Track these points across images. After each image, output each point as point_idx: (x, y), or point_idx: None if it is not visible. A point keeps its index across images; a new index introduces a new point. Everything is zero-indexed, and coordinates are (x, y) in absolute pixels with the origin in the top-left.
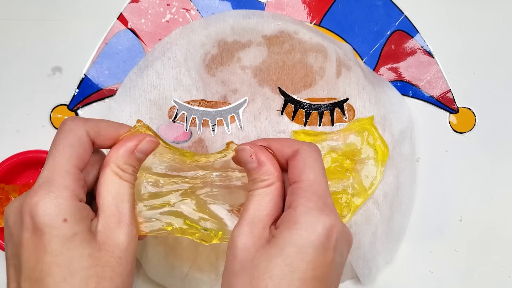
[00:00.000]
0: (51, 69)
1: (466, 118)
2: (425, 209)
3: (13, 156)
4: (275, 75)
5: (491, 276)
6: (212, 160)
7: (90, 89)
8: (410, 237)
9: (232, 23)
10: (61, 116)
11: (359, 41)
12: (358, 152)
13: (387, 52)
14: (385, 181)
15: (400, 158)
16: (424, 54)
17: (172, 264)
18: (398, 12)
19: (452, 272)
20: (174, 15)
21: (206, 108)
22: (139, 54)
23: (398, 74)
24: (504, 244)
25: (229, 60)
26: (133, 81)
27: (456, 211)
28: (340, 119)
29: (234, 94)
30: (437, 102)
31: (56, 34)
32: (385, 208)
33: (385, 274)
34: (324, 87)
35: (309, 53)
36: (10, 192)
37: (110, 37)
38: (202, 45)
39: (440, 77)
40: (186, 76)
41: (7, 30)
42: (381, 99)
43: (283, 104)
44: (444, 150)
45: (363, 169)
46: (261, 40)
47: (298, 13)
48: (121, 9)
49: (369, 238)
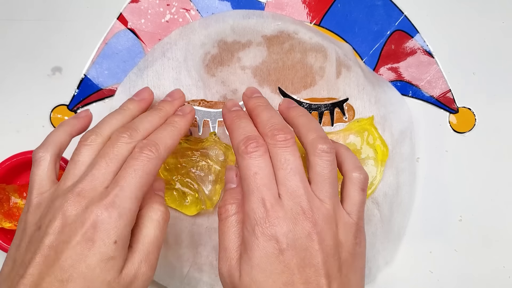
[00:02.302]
0: (51, 69)
1: (466, 118)
2: (425, 209)
3: (13, 156)
4: (275, 75)
5: (491, 276)
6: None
7: (90, 89)
8: (410, 237)
9: (232, 23)
10: (61, 116)
11: (359, 41)
12: (358, 152)
13: (387, 52)
14: (385, 181)
15: (400, 158)
16: (424, 54)
17: (172, 264)
18: (398, 12)
19: (452, 272)
20: (174, 15)
21: (206, 108)
22: (139, 54)
23: (398, 74)
24: (504, 244)
25: (229, 60)
26: (133, 81)
27: (456, 211)
28: (340, 119)
29: (234, 94)
30: (437, 102)
31: (56, 34)
32: (385, 208)
33: (385, 274)
34: (324, 87)
35: (309, 53)
36: (10, 192)
37: (110, 37)
38: (202, 45)
39: (440, 77)
40: (186, 76)
41: (7, 30)
42: (381, 99)
43: None
44: (444, 150)
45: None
46: (261, 40)
47: (298, 13)
48: (121, 9)
49: (369, 238)
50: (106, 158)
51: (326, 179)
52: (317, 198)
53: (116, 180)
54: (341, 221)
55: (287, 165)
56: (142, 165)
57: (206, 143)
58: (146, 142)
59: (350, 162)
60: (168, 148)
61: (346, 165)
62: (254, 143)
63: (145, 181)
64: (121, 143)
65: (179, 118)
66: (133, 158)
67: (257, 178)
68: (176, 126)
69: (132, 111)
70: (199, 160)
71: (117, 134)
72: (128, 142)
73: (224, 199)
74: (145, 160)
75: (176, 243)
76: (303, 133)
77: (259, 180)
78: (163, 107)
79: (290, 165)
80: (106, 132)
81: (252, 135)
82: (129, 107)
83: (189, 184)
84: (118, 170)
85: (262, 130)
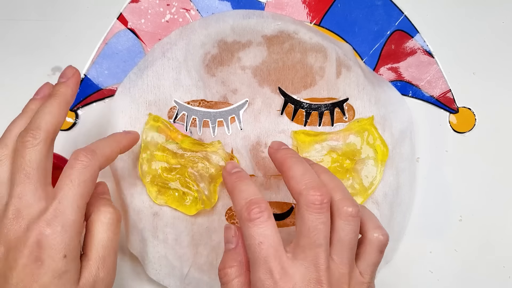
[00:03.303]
0: (51, 69)
1: (466, 118)
2: (425, 209)
3: None
4: (275, 75)
5: (491, 276)
6: (199, 151)
7: (90, 89)
8: (410, 237)
9: (232, 23)
10: None
11: (359, 41)
12: (358, 152)
13: (387, 52)
14: (385, 181)
15: (400, 158)
16: (424, 54)
17: (172, 264)
18: (398, 12)
19: (452, 272)
20: (174, 15)
21: (206, 108)
22: (139, 54)
23: (398, 74)
24: (504, 244)
25: (229, 60)
26: (133, 81)
27: (456, 211)
28: (340, 119)
29: (234, 94)
30: (437, 102)
31: (56, 34)
32: (385, 208)
33: (385, 274)
34: (324, 87)
35: (309, 53)
36: None
37: (110, 37)
38: (202, 45)
39: (440, 77)
40: (186, 76)
41: (7, 30)
42: (381, 99)
43: (283, 104)
44: (444, 150)
45: (363, 169)
46: (261, 40)
47: (298, 13)
48: (121, 9)
49: None
50: (22, 170)
51: (347, 245)
52: (334, 262)
53: (54, 193)
54: (353, 280)
55: (314, 234)
56: (78, 174)
57: (210, 148)
58: (81, 149)
59: (370, 222)
60: (107, 154)
61: (366, 224)
62: (256, 208)
63: (84, 189)
64: (29, 149)
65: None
66: (68, 167)
67: (262, 248)
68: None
69: (35, 112)
70: (199, 162)
71: (21, 140)
72: (35, 144)
73: (223, 261)
74: (80, 169)
75: (176, 243)
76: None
77: (264, 250)
78: (58, 90)
79: (317, 234)
80: (11, 141)
81: (254, 199)
82: (32, 107)
83: (188, 185)
84: (42, 176)
85: (296, 186)
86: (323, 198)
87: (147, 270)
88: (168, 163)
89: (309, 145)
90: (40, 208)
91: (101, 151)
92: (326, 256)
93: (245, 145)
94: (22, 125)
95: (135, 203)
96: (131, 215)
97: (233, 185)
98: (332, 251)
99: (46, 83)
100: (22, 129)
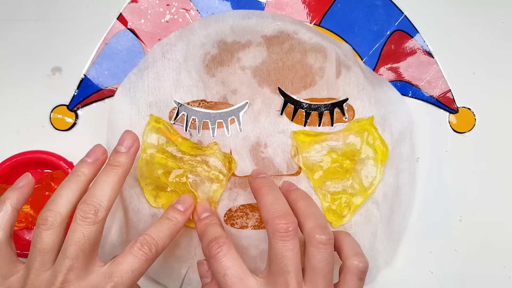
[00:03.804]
0: (51, 69)
1: (466, 118)
2: (425, 209)
3: (13, 156)
4: (274, 75)
5: (491, 276)
6: (196, 154)
7: (90, 89)
8: (410, 237)
9: (231, 23)
10: (61, 116)
11: (359, 41)
12: (358, 152)
13: (387, 52)
14: (385, 181)
15: (400, 158)
16: (424, 54)
17: (171, 265)
18: (398, 12)
19: (452, 272)
20: (173, 15)
21: (206, 109)
22: (139, 54)
23: (398, 74)
24: (504, 244)
25: (229, 60)
26: (133, 82)
27: (456, 211)
28: (339, 119)
29: (234, 94)
30: (437, 102)
31: (56, 34)
32: (385, 208)
33: (385, 274)
34: (323, 87)
35: (308, 53)
36: None
37: (109, 37)
38: (201, 45)
39: (440, 77)
40: (186, 76)
41: (7, 30)
42: (381, 99)
43: (283, 104)
44: (444, 150)
45: (363, 169)
46: (261, 40)
47: (297, 13)
48: (120, 9)
49: (369, 238)
50: (78, 244)
51: (320, 273)
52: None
53: (111, 275)
54: None
55: (282, 261)
56: (139, 263)
57: (208, 151)
58: (146, 239)
59: (349, 248)
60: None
61: (346, 251)
62: (215, 244)
63: (137, 276)
64: (90, 227)
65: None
66: (131, 254)
67: (227, 280)
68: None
69: (87, 177)
70: (197, 166)
71: (83, 215)
72: (96, 222)
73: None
74: (143, 259)
75: (175, 244)
76: (301, 220)
77: (229, 281)
78: (119, 162)
79: (285, 261)
80: (64, 209)
81: (213, 238)
82: (83, 171)
83: (188, 187)
84: (94, 251)
85: (264, 215)
86: (288, 226)
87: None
88: (167, 166)
89: (308, 145)
90: (90, 284)
91: (163, 242)
92: (298, 282)
93: (245, 145)
94: (74, 191)
95: (134, 204)
96: (131, 215)
97: (201, 231)
98: (306, 278)
99: (98, 145)
100: (75, 196)
